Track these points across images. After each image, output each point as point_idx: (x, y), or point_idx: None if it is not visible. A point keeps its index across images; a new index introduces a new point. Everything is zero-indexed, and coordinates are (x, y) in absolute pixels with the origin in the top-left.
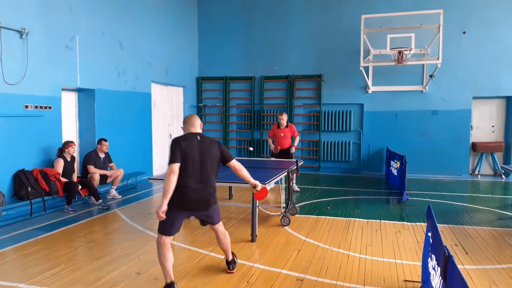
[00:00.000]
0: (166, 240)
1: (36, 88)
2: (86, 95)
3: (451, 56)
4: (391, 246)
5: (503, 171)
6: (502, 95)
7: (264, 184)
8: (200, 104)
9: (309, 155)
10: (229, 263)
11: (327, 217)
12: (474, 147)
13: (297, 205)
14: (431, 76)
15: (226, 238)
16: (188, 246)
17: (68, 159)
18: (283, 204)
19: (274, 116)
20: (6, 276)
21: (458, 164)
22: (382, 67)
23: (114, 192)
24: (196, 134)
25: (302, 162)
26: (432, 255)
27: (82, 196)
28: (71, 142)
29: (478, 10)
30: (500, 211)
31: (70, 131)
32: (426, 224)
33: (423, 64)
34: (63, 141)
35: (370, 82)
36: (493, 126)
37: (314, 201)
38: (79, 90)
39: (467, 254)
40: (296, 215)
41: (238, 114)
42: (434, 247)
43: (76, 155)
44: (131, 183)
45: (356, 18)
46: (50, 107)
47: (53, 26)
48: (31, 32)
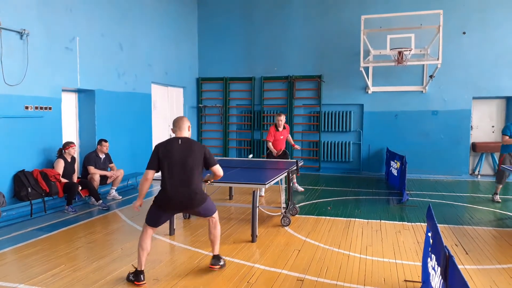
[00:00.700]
0: (149, 230)
1: (36, 89)
2: (86, 96)
3: (451, 57)
4: (391, 246)
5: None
6: (502, 95)
7: (264, 184)
8: (200, 105)
9: (309, 155)
10: (213, 258)
11: (327, 217)
12: (474, 147)
13: (297, 205)
14: (431, 76)
15: (216, 229)
16: (189, 247)
17: (69, 160)
18: (283, 205)
19: (274, 117)
20: (6, 277)
21: (458, 164)
22: (382, 68)
23: (114, 192)
24: (178, 139)
25: (302, 163)
26: (432, 255)
27: (82, 196)
28: (72, 143)
29: (477, 10)
30: (500, 211)
31: (70, 132)
32: (426, 224)
33: (423, 65)
34: (63, 142)
35: (370, 83)
36: (493, 126)
37: (314, 201)
38: (79, 91)
39: (467, 254)
40: (296, 216)
41: (238, 114)
42: (435, 247)
43: (76, 155)
44: (131, 183)
45: (356, 18)
46: (50, 108)
47: (53, 27)
48: (31, 33)
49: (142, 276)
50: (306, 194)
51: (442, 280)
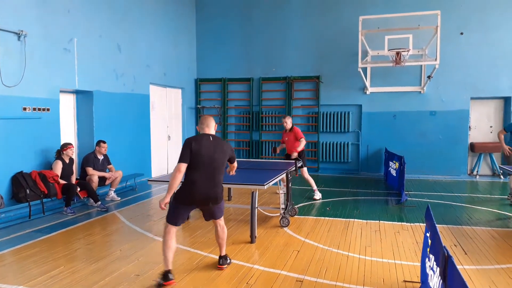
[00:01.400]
0: (172, 229)
1: (34, 90)
2: (84, 97)
3: (449, 57)
4: (390, 246)
5: (501, 172)
6: (500, 96)
7: (263, 185)
8: (198, 106)
9: (307, 156)
10: (220, 258)
11: (326, 218)
12: (472, 147)
13: (296, 206)
14: (429, 77)
15: (224, 233)
16: (188, 248)
17: (67, 161)
18: (282, 205)
19: (272, 117)
20: (5, 278)
21: (457, 164)
22: (380, 68)
23: (113, 194)
24: (209, 135)
25: (301, 163)
26: (431, 256)
27: (80, 198)
28: (70, 144)
29: (475, 11)
30: (499, 211)
31: (68, 133)
32: (425, 224)
33: (421, 65)
34: (62, 143)
35: (368, 83)
36: (491, 127)
37: (313, 202)
38: (77, 92)
39: (466, 254)
40: (295, 216)
41: (236, 115)
42: (433, 247)
43: (74, 157)
44: (129, 185)
45: (354, 19)
46: (48, 109)
47: (51, 29)
48: (29, 34)
49: (170, 275)
50: (305, 195)
51: (441, 280)
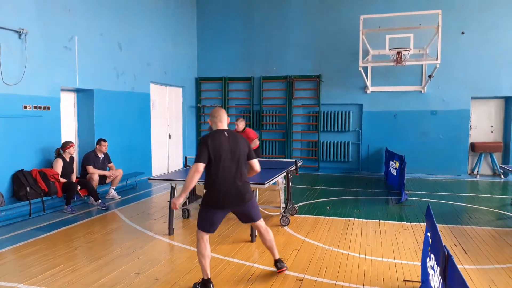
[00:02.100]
0: (205, 237)
1: (35, 89)
2: (85, 96)
3: (450, 57)
4: (390, 246)
5: (502, 171)
6: (501, 96)
7: (264, 184)
8: (199, 105)
9: (308, 155)
10: (276, 262)
11: (326, 217)
12: (473, 147)
13: (296, 205)
14: (430, 76)
15: (269, 234)
16: (188, 246)
17: (67, 160)
18: (283, 204)
19: (273, 116)
20: (5, 276)
21: (457, 164)
22: (381, 68)
23: (113, 192)
24: (223, 131)
25: (301, 162)
26: (432, 255)
27: (81, 196)
28: (71, 142)
29: (476, 10)
30: (499, 211)
31: (69, 131)
32: (426, 224)
33: (422, 65)
34: (62, 141)
35: (369, 83)
36: (491, 126)
37: (313, 201)
38: (78, 91)
39: (466, 254)
40: (296, 215)
41: (237, 114)
42: (434, 247)
43: (75, 155)
44: (130, 183)
45: (355, 18)
46: (49, 108)
47: (51, 27)
48: (29, 32)
49: (211, 284)
50: (305, 194)
51: (441, 280)
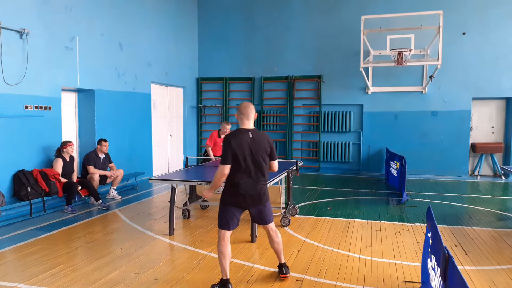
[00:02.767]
0: (226, 235)
1: (36, 89)
2: (86, 96)
3: (451, 57)
4: (391, 246)
5: (503, 172)
6: (502, 96)
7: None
8: (200, 105)
9: (309, 155)
10: (281, 267)
11: (327, 217)
12: (474, 148)
13: (297, 205)
14: (430, 77)
15: (278, 237)
16: (188, 247)
17: (67, 159)
18: (283, 205)
19: (273, 117)
20: (6, 276)
21: (458, 165)
22: (382, 68)
23: (114, 192)
24: (247, 131)
25: (302, 163)
26: (432, 256)
27: (81, 196)
28: (69, 142)
29: (477, 11)
30: (500, 212)
31: (70, 131)
32: (426, 224)
33: (423, 65)
34: (62, 141)
35: (370, 83)
36: (492, 127)
37: (313, 201)
38: (79, 91)
39: (467, 255)
40: (296, 216)
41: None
42: (434, 247)
43: (76, 155)
44: (131, 183)
45: (356, 19)
46: (50, 108)
47: (53, 27)
48: (31, 32)
49: (229, 285)
50: (305, 194)
51: (442, 281)
